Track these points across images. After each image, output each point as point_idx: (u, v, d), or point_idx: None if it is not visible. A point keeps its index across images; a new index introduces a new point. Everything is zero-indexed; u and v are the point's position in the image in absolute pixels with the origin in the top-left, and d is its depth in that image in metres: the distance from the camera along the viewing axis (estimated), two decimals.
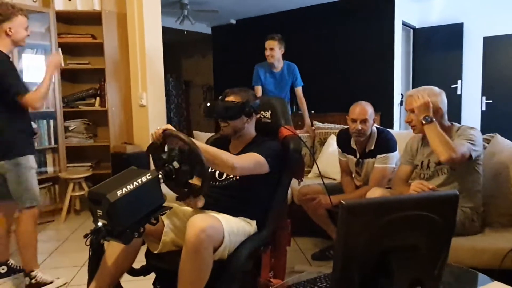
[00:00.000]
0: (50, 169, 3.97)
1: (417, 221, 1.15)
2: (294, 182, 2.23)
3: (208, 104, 1.91)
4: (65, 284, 2.54)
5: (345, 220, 1.11)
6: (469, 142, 1.90)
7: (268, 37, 3.75)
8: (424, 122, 1.95)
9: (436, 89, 2.05)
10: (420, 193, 1.83)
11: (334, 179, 3.11)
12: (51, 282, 2.49)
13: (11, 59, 2.47)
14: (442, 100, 2.04)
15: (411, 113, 2.05)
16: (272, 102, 2.14)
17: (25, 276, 2.47)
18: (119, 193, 1.35)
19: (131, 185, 1.39)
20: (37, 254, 2.53)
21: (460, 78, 6.22)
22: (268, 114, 2.10)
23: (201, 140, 2.44)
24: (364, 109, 2.47)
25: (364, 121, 2.45)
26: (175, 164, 1.55)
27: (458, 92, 6.23)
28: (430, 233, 1.17)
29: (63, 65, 2.74)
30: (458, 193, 1.21)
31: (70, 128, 4.11)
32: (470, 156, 1.89)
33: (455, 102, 6.14)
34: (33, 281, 2.45)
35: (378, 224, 1.11)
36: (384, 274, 1.13)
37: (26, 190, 2.43)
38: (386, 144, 2.49)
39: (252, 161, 1.76)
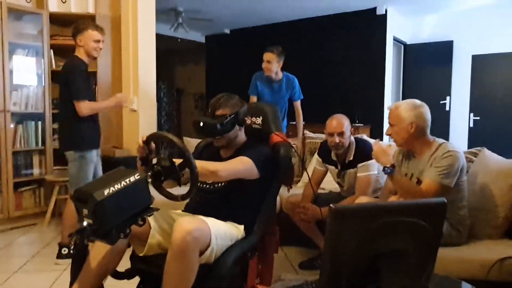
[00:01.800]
0: (36, 171, 3.90)
1: (406, 227, 1.16)
2: (282, 190, 2.22)
3: (201, 124, 1.83)
4: None
5: (334, 224, 1.10)
6: (440, 175, 1.88)
7: (267, 49, 3.61)
8: (384, 173, 1.96)
9: (416, 102, 2.04)
10: (408, 200, 1.84)
11: (323, 189, 3.11)
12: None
13: (86, 68, 2.90)
14: (420, 114, 2.00)
15: (391, 127, 2.07)
16: (263, 108, 2.14)
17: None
18: (106, 192, 1.33)
19: (118, 184, 1.37)
20: None
21: (449, 95, 6.33)
22: (259, 120, 2.10)
23: (191, 146, 2.42)
24: (340, 122, 2.50)
25: (341, 134, 2.47)
26: (165, 162, 1.52)
27: (447, 108, 6.32)
28: (418, 240, 1.18)
29: (126, 105, 3.25)
30: (445, 200, 1.22)
31: None
32: (445, 187, 1.89)
33: (443, 118, 6.23)
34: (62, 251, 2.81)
35: (367, 229, 1.11)
36: (372, 280, 1.13)
37: (83, 180, 2.75)
38: (365, 152, 2.49)
39: (239, 164, 1.75)
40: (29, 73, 3.86)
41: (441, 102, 6.28)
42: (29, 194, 3.85)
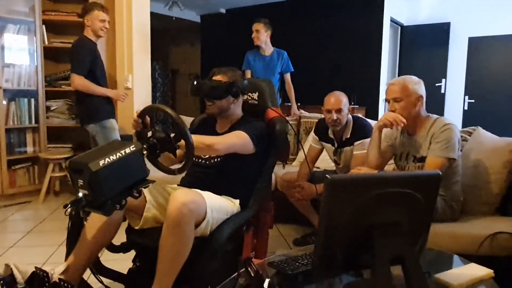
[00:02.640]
0: (30, 149, 3.88)
1: (400, 199, 1.17)
2: (277, 168, 2.22)
3: (195, 83, 1.88)
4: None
5: (330, 195, 1.11)
6: (444, 150, 1.89)
7: (254, 21, 3.88)
8: None
9: (415, 77, 2.04)
10: (403, 172, 1.85)
11: (318, 168, 3.12)
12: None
13: (93, 47, 3.11)
14: (423, 89, 2.01)
15: (394, 102, 2.04)
16: (260, 84, 2.13)
17: None
18: (101, 162, 1.32)
19: (114, 155, 1.36)
20: None
21: (445, 77, 6.32)
22: (255, 95, 2.09)
23: (186, 124, 2.41)
24: (338, 99, 2.49)
25: (339, 110, 2.47)
26: (160, 134, 1.52)
27: (442, 91, 6.32)
28: (412, 211, 1.19)
29: (121, 100, 3.33)
30: (440, 173, 1.23)
31: (52, 108, 4.02)
32: (450, 160, 1.90)
33: (438, 100, 6.23)
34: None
35: (362, 200, 1.12)
36: (366, 251, 1.14)
37: None
38: (362, 130, 2.50)
39: (235, 138, 1.75)
40: (21, 49, 3.80)
41: (437, 84, 6.27)
42: (23, 172, 3.83)
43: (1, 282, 1.43)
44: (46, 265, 2.44)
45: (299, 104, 4.54)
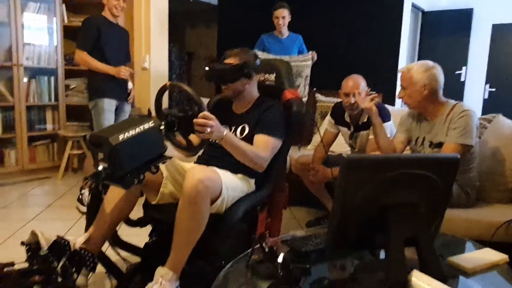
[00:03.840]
0: (49, 126, 3.96)
1: (417, 180, 1.16)
2: (292, 151, 2.22)
3: (207, 68, 1.88)
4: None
5: (346, 175, 1.11)
6: (461, 136, 1.87)
7: (278, 5, 3.81)
8: None
9: (428, 63, 2.01)
10: (422, 154, 1.85)
11: (332, 152, 3.12)
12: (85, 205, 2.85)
13: (105, 24, 3.10)
14: (433, 76, 1.96)
15: (403, 89, 2.04)
16: (276, 65, 2.12)
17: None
18: (120, 137, 1.35)
19: (133, 130, 1.39)
20: None
21: (465, 65, 6.17)
22: (272, 77, 2.09)
23: None
24: (356, 82, 2.46)
25: (357, 94, 2.44)
26: (177, 112, 1.54)
27: (462, 79, 6.19)
28: (429, 193, 1.19)
29: (121, 76, 3.08)
30: (458, 156, 1.22)
31: (71, 87, 4.07)
32: (467, 146, 1.89)
33: (458, 89, 6.10)
34: (79, 196, 2.97)
35: (378, 181, 1.12)
36: (380, 231, 1.15)
37: (97, 128, 2.95)
38: (380, 114, 2.47)
39: (270, 149, 1.79)
40: (41, 28, 3.84)
41: (457, 72, 6.14)
42: (42, 149, 3.92)
43: (27, 247, 1.49)
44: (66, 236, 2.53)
45: (314, 89, 4.51)
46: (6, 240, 2.41)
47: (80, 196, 2.94)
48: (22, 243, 1.51)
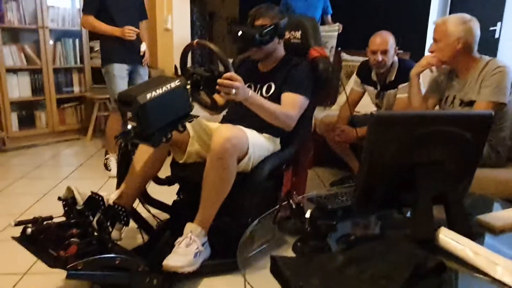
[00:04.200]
0: (76, 88, 4.04)
1: (448, 138, 1.13)
2: (317, 112, 2.20)
3: (240, 33, 1.78)
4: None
5: (375, 132, 1.09)
6: (494, 94, 1.80)
7: None
8: None
9: (465, 16, 1.91)
10: (455, 110, 1.80)
11: (357, 112, 3.07)
12: (110, 170, 2.97)
13: None
14: (469, 29, 1.87)
15: (434, 43, 1.94)
16: (302, 22, 2.06)
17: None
18: (148, 96, 1.36)
19: (160, 89, 1.40)
20: (114, 144, 2.91)
21: (501, 20, 5.84)
22: (298, 34, 2.04)
23: None
24: (384, 39, 2.38)
25: (384, 52, 2.36)
26: (203, 72, 1.53)
27: (496, 36, 5.87)
28: (459, 151, 1.16)
29: (126, 37, 2.88)
30: (492, 113, 1.18)
31: (95, 49, 4.09)
32: (500, 104, 1.82)
33: (491, 46, 5.82)
34: (104, 160, 3.06)
35: (408, 138, 1.09)
36: (408, 189, 1.14)
37: (112, 94, 2.93)
38: (408, 72, 2.36)
39: (298, 108, 1.78)
40: None
41: (491, 28, 5.83)
42: (71, 111, 4.02)
43: (64, 203, 1.56)
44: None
45: (339, 48, 4.40)
46: (43, 197, 2.54)
47: (106, 161, 3.02)
48: (59, 198, 1.58)
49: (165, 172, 1.88)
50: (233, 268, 1.66)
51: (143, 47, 3.11)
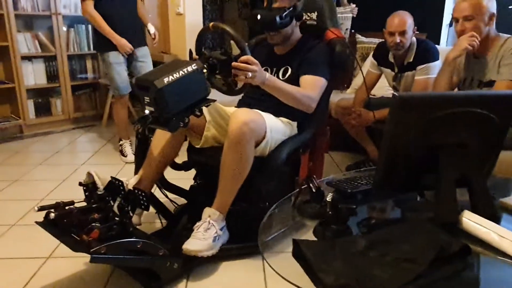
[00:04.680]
0: (90, 75, 4.05)
1: (473, 119, 1.11)
2: (333, 95, 2.17)
3: (259, 17, 1.75)
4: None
5: (396, 113, 1.07)
6: None
7: None
8: None
9: None
10: (479, 91, 1.73)
11: (374, 95, 3.03)
12: (126, 156, 3.01)
13: None
14: (495, 5, 1.81)
15: (465, 21, 1.84)
16: (318, 2, 2.02)
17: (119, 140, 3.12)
18: (165, 80, 1.36)
19: (177, 73, 1.39)
20: (125, 130, 3.08)
21: None
22: (314, 15, 2.00)
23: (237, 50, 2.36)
24: (403, 20, 2.30)
25: (402, 33, 2.29)
26: (219, 55, 1.52)
27: None
28: (484, 132, 1.14)
29: (122, 50, 2.88)
30: None
31: None
32: None
33: (509, 25, 5.65)
34: (119, 147, 3.08)
35: (430, 119, 1.07)
36: (429, 172, 1.12)
37: (111, 81, 2.95)
38: (426, 53, 2.33)
39: (318, 89, 1.76)
40: None
41: (510, 7, 5.65)
42: (85, 97, 4.05)
43: (84, 188, 1.58)
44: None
45: (353, 30, 4.33)
46: (62, 183, 2.58)
47: (120, 147, 3.04)
48: (80, 184, 1.60)
49: (182, 157, 1.88)
50: (252, 252, 1.68)
51: (152, 29, 3.12)
